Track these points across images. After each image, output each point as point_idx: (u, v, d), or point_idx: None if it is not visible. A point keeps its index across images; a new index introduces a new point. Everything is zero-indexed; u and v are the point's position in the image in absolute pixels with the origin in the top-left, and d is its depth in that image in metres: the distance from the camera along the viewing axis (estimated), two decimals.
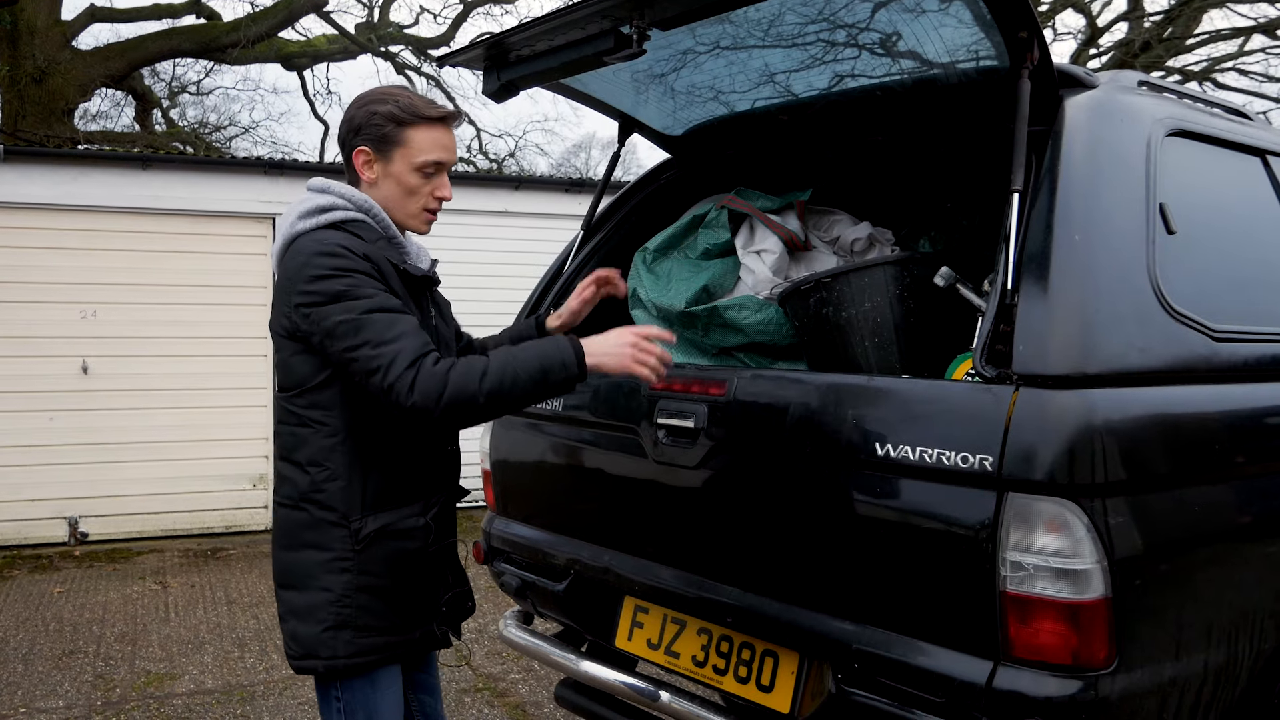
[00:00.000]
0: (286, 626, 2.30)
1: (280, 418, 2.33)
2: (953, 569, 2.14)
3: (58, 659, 5.47)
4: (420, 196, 2.35)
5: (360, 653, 2.26)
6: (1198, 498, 2.23)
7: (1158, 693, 2.13)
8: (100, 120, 20.35)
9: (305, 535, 2.26)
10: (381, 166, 2.32)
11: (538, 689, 4.99)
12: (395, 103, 2.30)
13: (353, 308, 2.13)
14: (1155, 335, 2.22)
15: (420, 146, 2.31)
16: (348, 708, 2.30)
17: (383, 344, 2.10)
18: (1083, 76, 2.51)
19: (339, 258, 2.16)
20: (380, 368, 2.09)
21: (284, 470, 2.32)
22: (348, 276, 2.15)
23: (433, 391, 2.07)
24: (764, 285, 3.03)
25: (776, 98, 3.08)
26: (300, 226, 2.25)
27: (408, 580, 2.32)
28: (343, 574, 2.24)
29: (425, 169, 2.33)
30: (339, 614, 2.24)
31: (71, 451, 8.03)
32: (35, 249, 7.96)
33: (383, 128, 2.29)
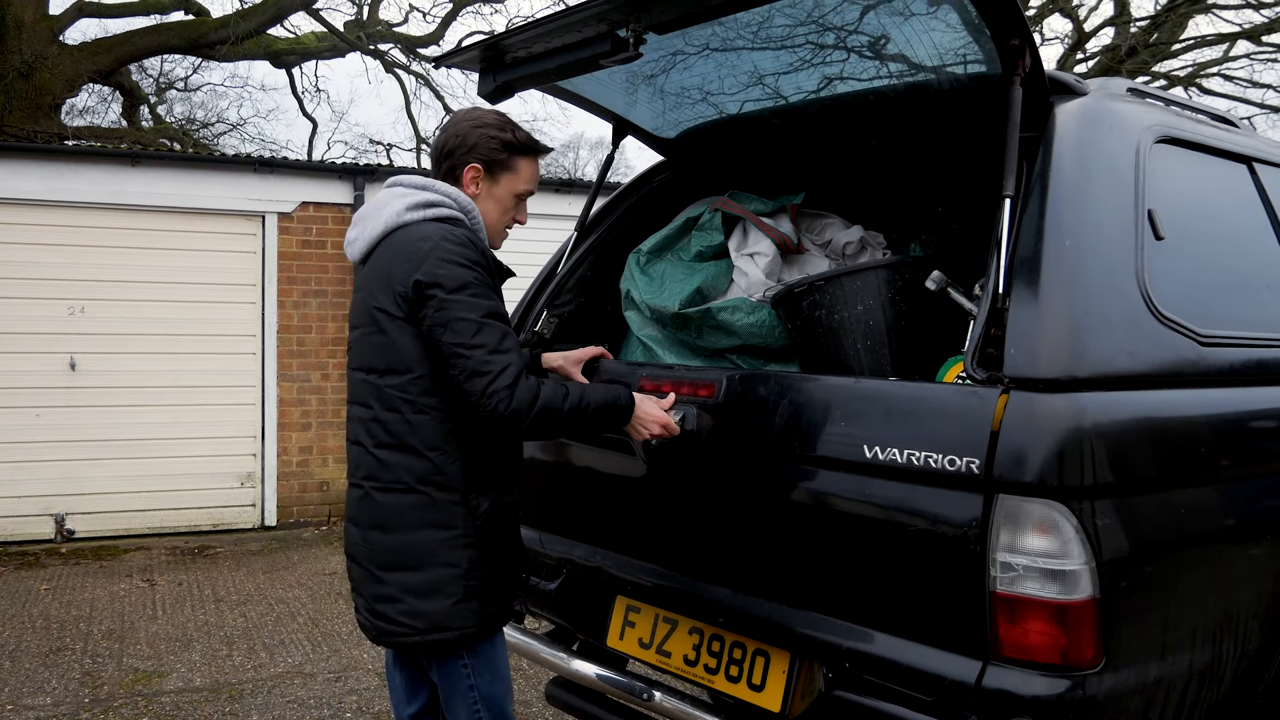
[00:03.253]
0: (398, 606, 2.42)
1: (386, 404, 2.42)
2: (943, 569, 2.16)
3: (45, 656, 5.46)
4: (507, 217, 2.64)
5: (486, 620, 2.44)
6: (1184, 500, 2.27)
7: (1144, 692, 2.16)
8: (87, 116, 20.24)
9: (425, 516, 2.40)
10: (487, 185, 2.57)
11: (526, 688, 5.01)
12: (512, 133, 2.58)
13: (477, 307, 2.32)
14: (1144, 340, 2.25)
15: (525, 175, 2.61)
16: (476, 670, 2.48)
17: (497, 352, 2.30)
18: (1073, 84, 2.55)
19: (468, 249, 2.36)
20: (491, 373, 2.28)
21: (388, 457, 2.42)
22: (474, 270, 2.35)
23: (525, 403, 2.29)
24: (757, 288, 3.06)
25: (767, 100, 3.11)
26: (409, 217, 2.44)
27: (513, 552, 2.54)
28: (467, 549, 2.41)
29: (522, 195, 2.63)
30: (468, 587, 2.41)
31: (58, 448, 8.00)
32: (23, 245, 7.92)
33: (498, 151, 2.55)
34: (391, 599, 2.43)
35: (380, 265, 2.44)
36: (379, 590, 2.45)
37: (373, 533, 2.46)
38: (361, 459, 2.48)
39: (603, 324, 3.56)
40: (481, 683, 2.48)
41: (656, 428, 2.54)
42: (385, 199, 2.52)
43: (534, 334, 3.41)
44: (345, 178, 8.84)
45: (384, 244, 2.46)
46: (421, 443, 2.39)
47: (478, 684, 2.48)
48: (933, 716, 2.18)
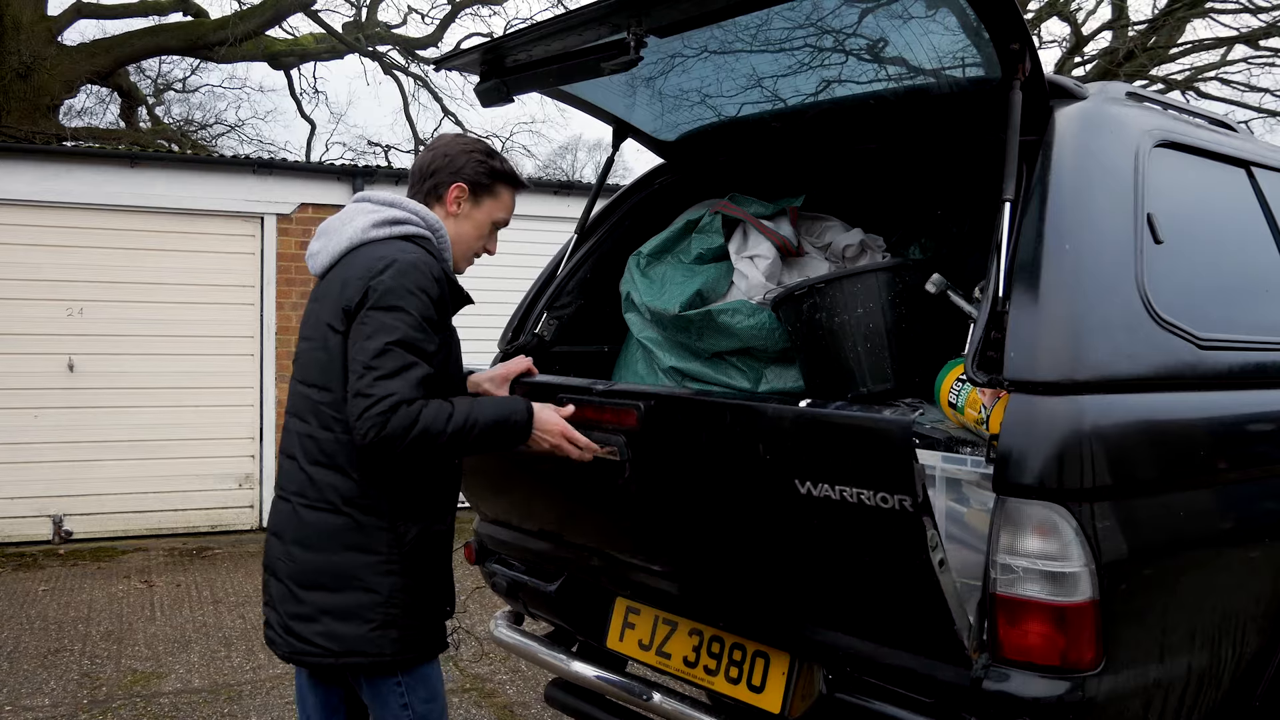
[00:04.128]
0: (314, 626, 2.38)
1: (320, 422, 2.40)
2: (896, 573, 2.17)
3: (43, 657, 5.46)
4: (479, 244, 2.65)
5: (405, 649, 2.39)
6: (1183, 503, 2.28)
7: (1143, 694, 2.17)
8: (85, 117, 20.22)
9: (350, 538, 2.37)
10: (469, 206, 2.58)
11: (525, 690, 5.01)
12: (500, 161, 2.62)
13: (394, 330, 2.28)
14: (1143, 343, 2.26)
15: (505, 204, 2.65)
16: (410, 688, 2.44)
17: (386, 379, 2.24)
18: (1073, 88, 2.56)
19: (419, 274, 2.34)
20: (371, 398, 2.22)
21: (318, 475, 2.39)
22: (414, 297, 2.32)
23: (400, 428, 2.21)
24: (757, 290, 3.07)
25: (766, 103, 3.11)
26: (374, 234, 2.42)
27: (439, 582, 2.49)
28: (390, 575, 2.37)
29: (499, 223, 2.66)
30: (388, 614, 2.36)
31: (56, 449, 7.99)
32: (21, 245, 7.92)
33: (484, 177, 2.58)
34: (308, 618, 2.38)
35: (336, 279, 2.41)
36: (296, 609, 2.40)
37: (296, 549, 2.41)
38: (293, 474, 2.44)
39: (603, 326, 3.57)
40: (416, 702, 2.44)
41: (556, 439, 2.47)
42: (351, 214, 2.50)
43: (534, 336, 3.42)
44: (344, 179, 8.84)
45: (345, 259, 2.43)
46: (350, 463, 2.36)
47: (412, 703, 2.44)
48: (932, 718, 2.19)
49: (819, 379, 2.84)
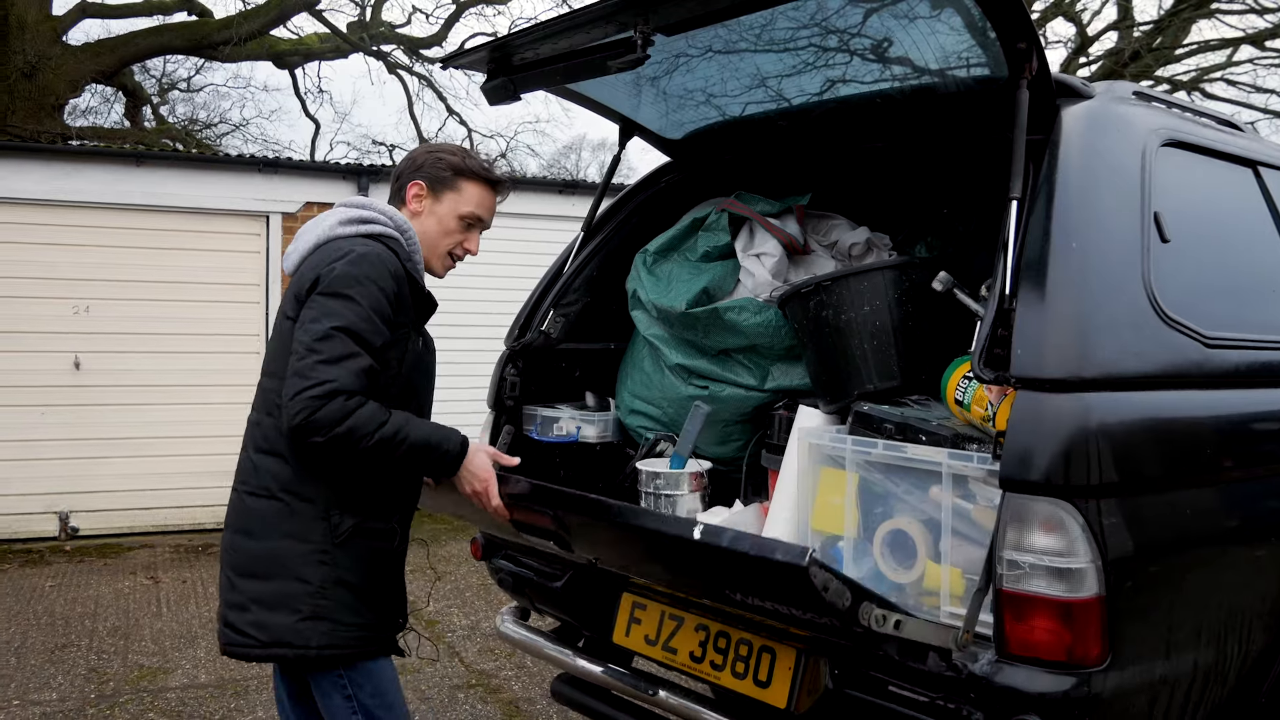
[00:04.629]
0: (245, 615, 2.35)
1: (266, 409, 2.41)
2: None
3: (50, 652, 5.48)
4: (451, 241, 2.60)
5: (334, 645, 2.34)
6: (1189, 501, 2.29)
7: (1149, 690, 2.18)
8: (90, 116, 20.26)
9: (284, 525, 2.35)
10: (430, 203, 2.57)
11: (530, 686, 5.02)
12: (461, 157, 2.60)
13: (340, 316, 2.27)
14: (1150, 341, 2.27)
15: (470, 198, 2.59)
16: (355, 683, 2.39)
17: (327, 364, 2.22)
18: (1079, 87, 2.56)
19: (372, 267, 2.33)
20: (310, 381, 2.20)
21: (260, 461, 2.40)
22: (364, 286, 2.30)
23: (328, 420, 2.19)
24: (763, 288, 3.08)
25: (771, 102, 3.12)
26: (340, 231, 2.43)
27: (379, 579, 2.44)
28: (321, 566, 2.34)
29: (466, 219, 2.59)
30: (317, 605, 2.32)
31: (62, 446, 8.01)
32: (28, 244, 7.94)
33: (443, 172, 2.56)
34: (241, 607, 2.36)
35: (300, 274, 2.42)
36: (231, 597, 2.39)
37: (237, 537, 2.41)
38: (243, 463, 2.45)
39: (609, 323, 3.58)
40: (363, 696, 2.40)
41: (481, 485, 2.47)
42: (324, 215, 2.51)
43: (540, 333, 3.43)
44: (350, 178, 8.86)
45: (311, 256, 2.44)
46: (288, 450, 2.35)
47: (358, 696, 2.40)
48: (938, 714, 2.20)
49: (825, 376, 2.84)
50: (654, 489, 3.05)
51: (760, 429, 3.14)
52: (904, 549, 2.43)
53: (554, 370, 3.58)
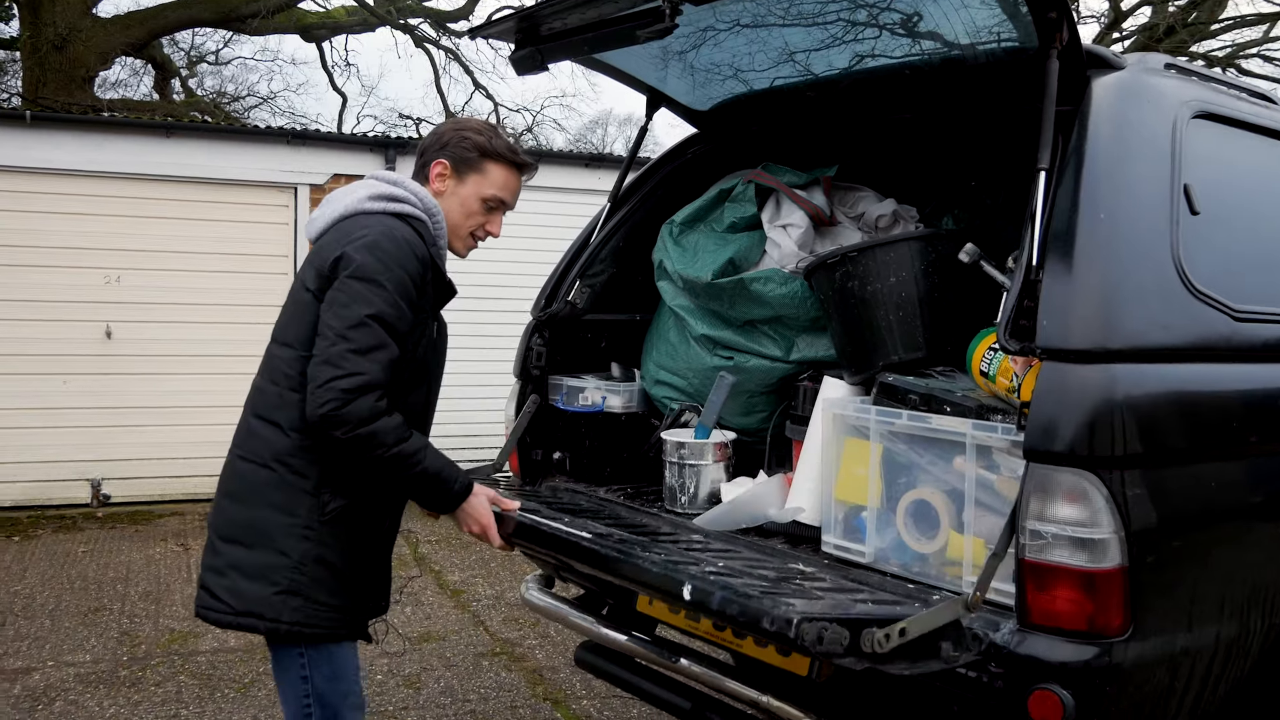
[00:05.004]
0: (222, 581, 2.34)
1: (270, 377, 2.39)
2: None
3: (84, 615, 5.58)
4: (473, 223, 2.56)
5: (305, 622, 2.32)
6: (1214, 474, 2.29)
7: (1170, 662, 2.18)
8: (119, 89, 20.39)
9: (272, 495, 2.33)
10: (453, 183, 2.52)
11: (554, 655, 5.08)
12: (487, 137, 2.54)
13: (370, 303, 2.25)
14: (1177, 313, 2.26)
15: (494, 180, 2.54)
16: (313, 663, 2.37)
17: (359, 354, 2.21)
18: (1110, 58, 2.54)
19: (399, 251, 2.32)
20: (341, 371, 2.19)
21: (256, 427, 2.38)
22: (394, 271, 2.29)
23: (356, 417, 2.19)
24: (789, 259, 3.08)
25: (798, 76, 3.11)
26: (367, 205, 2.41)
27: (360, 562, 2.42)
28: (304, 541, 2.31)
29: (489, 202, 2.55)
30: (294, 580, 2.30)
31: (94, 415, 8.13)
32: (60, 214, 8.03)
33: (469, 152, 2.51)
34: (219, 572, 2.35)
35: (322, 244, 2.41)
36: (211, 560, 2.38)
37: (224, 500, 2.40)
38: (240, 427, 2.43)
39: (635, 294, 3.59)
40: (318, 678, 2.38)
41: (478, 530, 2.49)
42: (355, 186, 2.48)
43: (567, 303, 3.45)
44: (377, 150, 8.89)
45: (336, 226, 2.41)
46: (288, 420, 2.32)
47: (313, 677, 2.38)
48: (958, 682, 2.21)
49: (850, 347, 2.85)
50: (679, 458, 3.07)
51: (785, 400, 3.16)
52: (927, 519, 2.45)
53: (580, 340, 3.60)
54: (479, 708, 4.43)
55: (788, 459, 3.12)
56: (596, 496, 3.33)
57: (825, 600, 2.18)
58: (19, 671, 4.76)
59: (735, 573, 2.30)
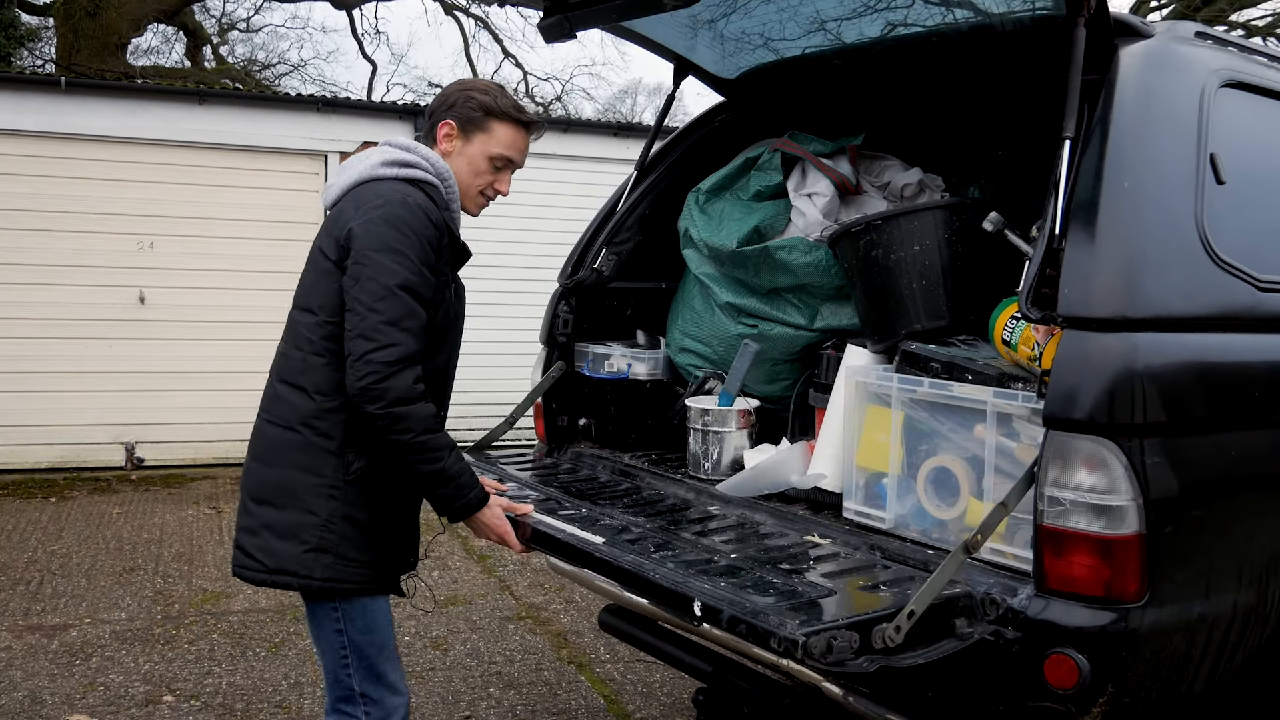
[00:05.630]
0: (255, 540, 2.40)
1: (294, 342, 2.44)
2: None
3: (119, 575, 5.71)
4: (481, 182, 2.55)
5: (336, 578, 2.37)
6: (1234, 443, 2.29)
7: (1187, 629, 2.20)
8: (151, 56, 20.53)
9: (299, 457, 2.38)
10: (460, 144, 2.52)
11: (578, 619, 5.15)
12: (493, 97, 2.54)
13: (394, 274, 2.27)
14: (1200, 283, 2.26)
15: (500, 139, 2.53)
16: (347, 617, 2.43)
17: (392, 326, 2.25)
18: (1139, 26, 2.53)
19: (415, 217, 2.34)
20: (377, 344, 2.23)
21: (282, 391, 2.43)
22: (411, 239, 2.32)
23: (395, 395, 2.23)
24: (814, 227, 3.09)
25: (825, 45, 3.11)
26: (380, 172, 2.43)
27: (388, 520, 2.45)
28: (331, 500, 2.36)
29: (496, 161, 2.54)
30: (323, 538, 2.35)
31: (128, 379, 8.27)
32: (94, 180, 8.14)
33: (474, 112, 2.51)
34: (253, 532, 2.41)
35: (338, 211, 2.44)
36: (245, 521, 2.44)
37: (254, 463, 2.45)
38: (267, 391, 2.49)
39: (660, 262, 3.62)
40: (353, 630, 2.43)
41: (495, 536, 2.50)
42: (369, 153, 2.50)
43: (593, 271, 3.47)
44: (406, 118, 8.94)
45: (350, 193, 2.44)
46: (312, 384, 2.37)
47: (348, 630, 2.43)
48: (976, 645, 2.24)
49: (874, 315, 2.86)
50: (702, 425, 3.11)
51: (808, 368, 3.18)
52: (947, 486, 2.47)
53: (605, 308, 3.63)
54: (505, 670, 4.51)
55: (810, 426, 3.14)
56: (620, 464, 3.36)
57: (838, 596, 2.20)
58: (57, 628, 4.88)
59: (748, 565, 2.35)
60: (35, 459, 8.14)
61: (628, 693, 4.30)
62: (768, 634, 1.95)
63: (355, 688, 2.46)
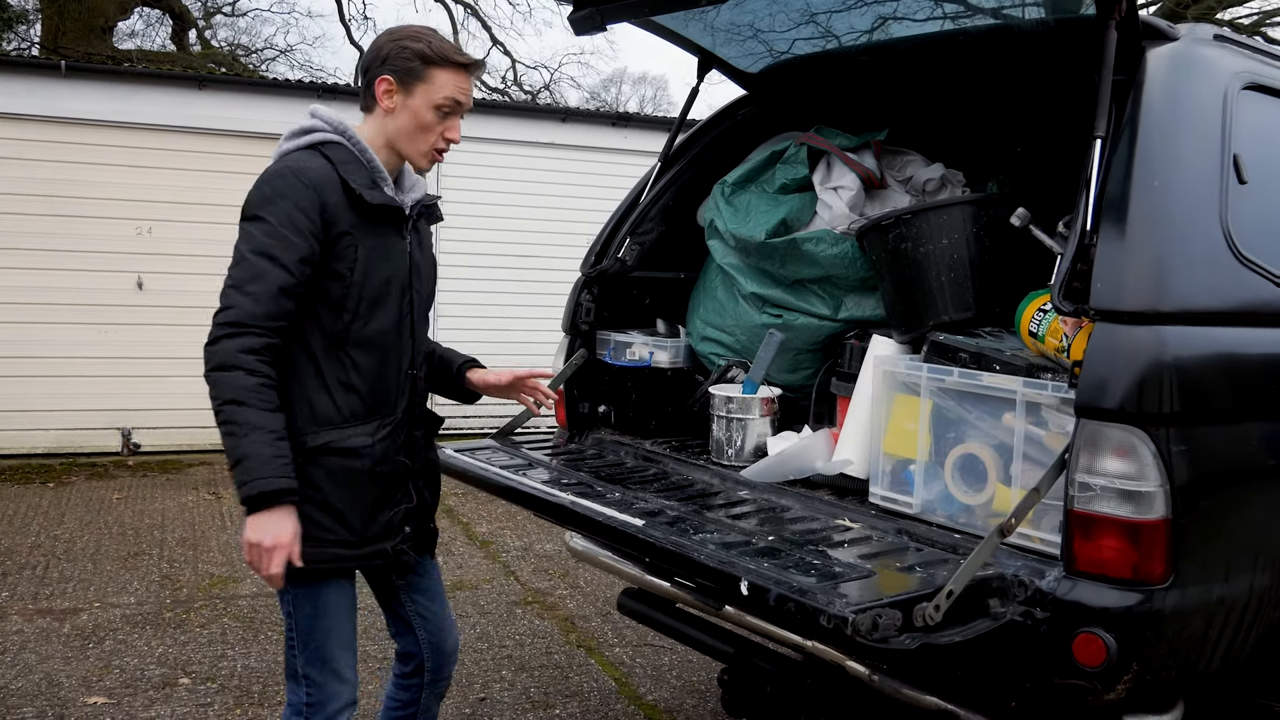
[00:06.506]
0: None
1: None
2: None
3: (124, 560, 5.73)
4: (431, 134, 2.43)
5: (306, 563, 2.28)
6: (1255, 433, 2.38)
7: (1206, 610, 2.29)
8: (136, 39, 20.37)
9: None
10: (401, 98, 2.39)
11: (585, 604, 5.22)
12: (426, 43, 2.40)
13: (251, 239, 2.25)
14: (1224, 279, 2.35)
15: (441, 85, 2.40)
16: (296, 600, 2.40)
17: (235, 288, 2.23)
18: (1164, 29, 2.61)
19: (281, 181, 2.28)
20: (222, 307, 2.24)
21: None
22: (274, 204, 2.26)
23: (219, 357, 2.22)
24: (840, 220, 3.17)
25: (851, 41, 3.18)
26: (284, 146, 2.40)
27: (353, 497, 2.38)
28: None
29: (443, 107, 2.41)
30: None
31: (125, 364, 8.28)
32: (93, 164, 8.13)
33: (410, 62, 2.38)
34: None
35: None
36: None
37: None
38: None
39: (681, 253, 3.68)
40: (300, 612, 2.39)
41: (251, 548, 2.23)
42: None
43: (617, 260, 3.53)
44: None
45: None
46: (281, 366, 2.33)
47: (295, 611, 2.40)
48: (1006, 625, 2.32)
49: (902, 307, 2.94)
50: (727, 413, 3.17)
51: (830, 358, 3.25)
52: (974, 473, 2.55)
53: (626, 297, 3.69)
54: (515, 653, 4.57)
55: (831, 415, 3.22)
56: (643, 450, 3.43)
57: (876, 576, 2.27)
58: (67, 612, 4.92)
59: (785, 547, 2.42)
60: (32, 444, 8.14)
61: (638, 675, 4.38)
62: (817, 612, 2.02)
63: (299, 668, 2.44)
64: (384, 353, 2.43)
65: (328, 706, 2.43)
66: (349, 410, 2.38)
